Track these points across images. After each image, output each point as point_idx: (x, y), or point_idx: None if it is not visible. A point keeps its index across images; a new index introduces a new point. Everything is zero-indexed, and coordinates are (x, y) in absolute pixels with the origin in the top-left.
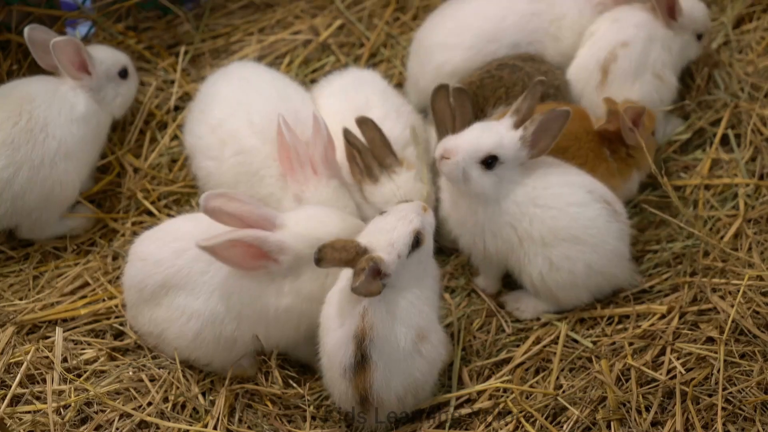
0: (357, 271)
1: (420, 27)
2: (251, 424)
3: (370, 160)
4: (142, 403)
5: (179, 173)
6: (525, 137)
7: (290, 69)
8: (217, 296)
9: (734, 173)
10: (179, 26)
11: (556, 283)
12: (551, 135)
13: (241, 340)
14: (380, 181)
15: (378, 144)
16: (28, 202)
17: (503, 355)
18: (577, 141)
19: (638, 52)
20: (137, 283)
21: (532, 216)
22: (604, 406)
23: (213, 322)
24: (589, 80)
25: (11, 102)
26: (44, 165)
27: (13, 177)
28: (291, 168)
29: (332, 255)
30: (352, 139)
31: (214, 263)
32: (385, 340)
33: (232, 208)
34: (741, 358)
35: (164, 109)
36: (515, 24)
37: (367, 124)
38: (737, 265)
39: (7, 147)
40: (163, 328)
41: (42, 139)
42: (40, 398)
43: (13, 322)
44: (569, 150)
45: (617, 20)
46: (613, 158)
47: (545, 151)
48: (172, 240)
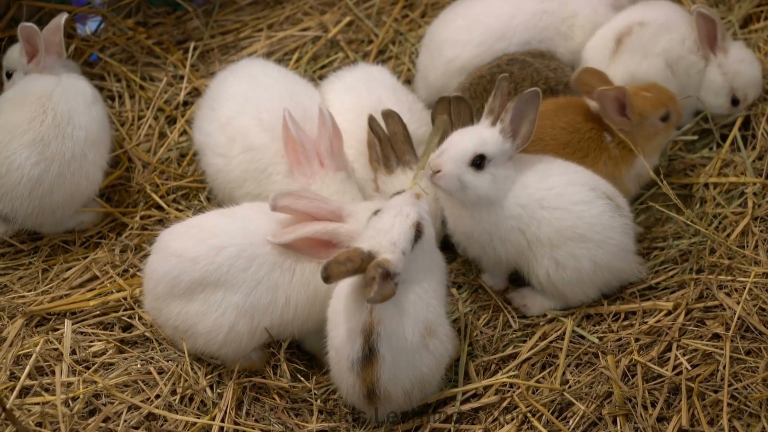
0: (368, 281)
1: (432, 23)
2: (258, 418)
3: (389, 152)
4: (150, 396)
5: (188, 168)
6: (504, 129)
7: (299, 65)
8: (262, 289)
9: (741, 171)
10: (189, 22)
11: (562, 281)
12: (529, 120)
13: (280, 331)
14: (395, 173)
15: (400, 138)
16: (55, 199)
17: (510, 350)
18: (576, 133)
19: (651, 33)
20: (171, 278)
21: (540, 219)
22: (610, 401)
23: (252, 315)
24: (604, 49)
25: (30, 102)
26: (75, 158)
27: (44, 174)
28: (297, 161)
29: (338, 269)
30: (376, 127)
31: (257, 259)
32: (392, 334)
33: (301, 206)
34: (747, 355)
35: (173, 104)
36: (525, 22)
37: (393, 118)
38: (743, 263)
39: (37, 145)
40: (194, 322)
41: (71, 132)
42: (49, 390)
43: (23, 314)
44: (570, 144)
45: (646, 5)
46: (614, 144)
47: (529, 138)
48: (209, 237)
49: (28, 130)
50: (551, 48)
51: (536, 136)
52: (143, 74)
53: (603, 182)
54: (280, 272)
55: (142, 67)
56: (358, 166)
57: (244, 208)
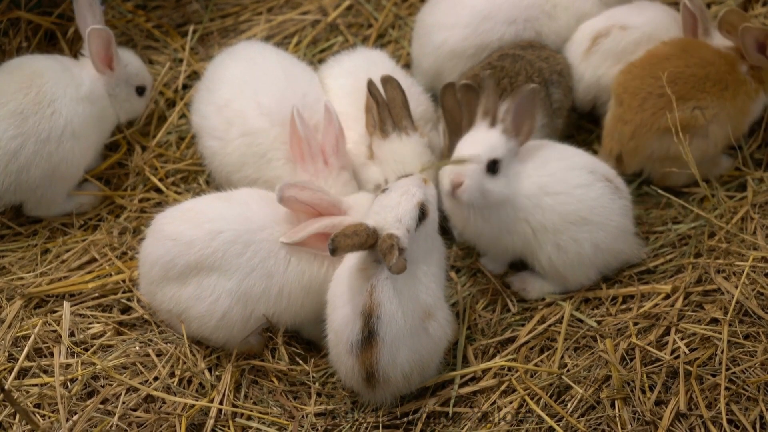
0: (386, 250)
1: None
2: (257, 400)
3: (386, 116)
4: (149, 378)
5: (187, 151)
6: (507, 129)
7: (298, 49)
8: (255, 276)
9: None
10: (188, 5)
11: (564, 265)
12: (530, 115)
13: (274, 320)
14: (390, 137)
15: (398, 104)
16: (33, 177)
17: (508, 334)
18: (712, 65)
19: (630, 40)
20: (165, 262)
21: (545, 206)
22: (608, 385)
23: (246, 302)
24: (580, 45)
25: (23, 75)
26: (50, 140)
27: (20, 149)
28: (302, 157)
29: (345, 242)
30: (374, 91)
31: (252, 245)
32: (392, 318)
33: (305, 197)
34: (745, 339)
35: (173, 87)
36: (509, 0)
37: (392, 83)
38: (742, 247)
39: (16, 117)
40: (187, 306)
41: (49, 114)
42: (48, 371)
43: (21, 295)
44: (709, 77)
45: (640, 7)
46: (749, 76)
47: (532, 132)
48: (205, 221)
49: (11, 100)
50: (537, 28)
51: (672, 77)
52: (143, 57)
53: (602, 165)
54: (275, 261)
55: (142, 50)
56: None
57: (242, 194)
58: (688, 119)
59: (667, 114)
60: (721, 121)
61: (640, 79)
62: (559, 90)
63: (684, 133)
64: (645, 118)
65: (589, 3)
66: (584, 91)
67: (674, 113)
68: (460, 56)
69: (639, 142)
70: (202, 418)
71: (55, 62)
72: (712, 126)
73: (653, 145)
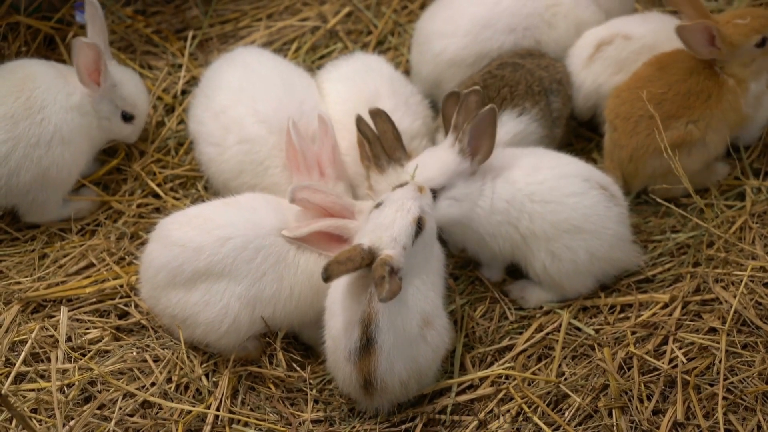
0: (378, 281)
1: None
2: (254, 407)
3: (379, 151)
4: (146, 383)
5: (185, 157)
6: (463, 150)
7: (297, 55)
8: (266, 281)
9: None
10: (188, 11)
11: (559, 273)
12: (489, 135)
13: (280, 322)
14: (387, 172)
15: (389, 137)
16: (24, 181)
17: (506, 342)
18: (692, 75)
19: (632, 50)
20: (173, 267)
21: (531, 213)
22: (605, 393)
23: (254, 306)
24: (583, 52)
25: (15, 79)
26: (40, 145)
27: (10, 153)
28: (297, 168)
29: (339, 269)
30: (364, 128)
31: (262, 251)
32: (390, 325)
33: (318, 199)
34: (743, 349)
35: (171, 93)
36: (509, 8)
37: (381, 117)
38: (740, 257)
39: (7, 121)
40: (194, 311)
41: (39, 120)
42: (44, 376)
43: (18, 300)
44: (692, 91)
45: (644, 17)
46: (725, 74)
47: (490, 153)
48: (214, 227)
49: (2, 104)
50: (536, 37)
51: (658, 98)
52: (142, 62)
53: (598, 173)
54: (285, 264)
55: (141, 55)
56: (350, 159)
57: (248, 199)
58: (684, 135)
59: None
60: (715, 127)
61: (630, 103)
62: (558, 99)
63: (684, 148)
64: (640, 141)
65: (588, 12)
66: (584, 99)
67: (662, 134)
68: (459, 65)
69: (638, 164)
70: (198, 424)
71: (49, 68)
72: (708, 135)
73: (653, 164)
